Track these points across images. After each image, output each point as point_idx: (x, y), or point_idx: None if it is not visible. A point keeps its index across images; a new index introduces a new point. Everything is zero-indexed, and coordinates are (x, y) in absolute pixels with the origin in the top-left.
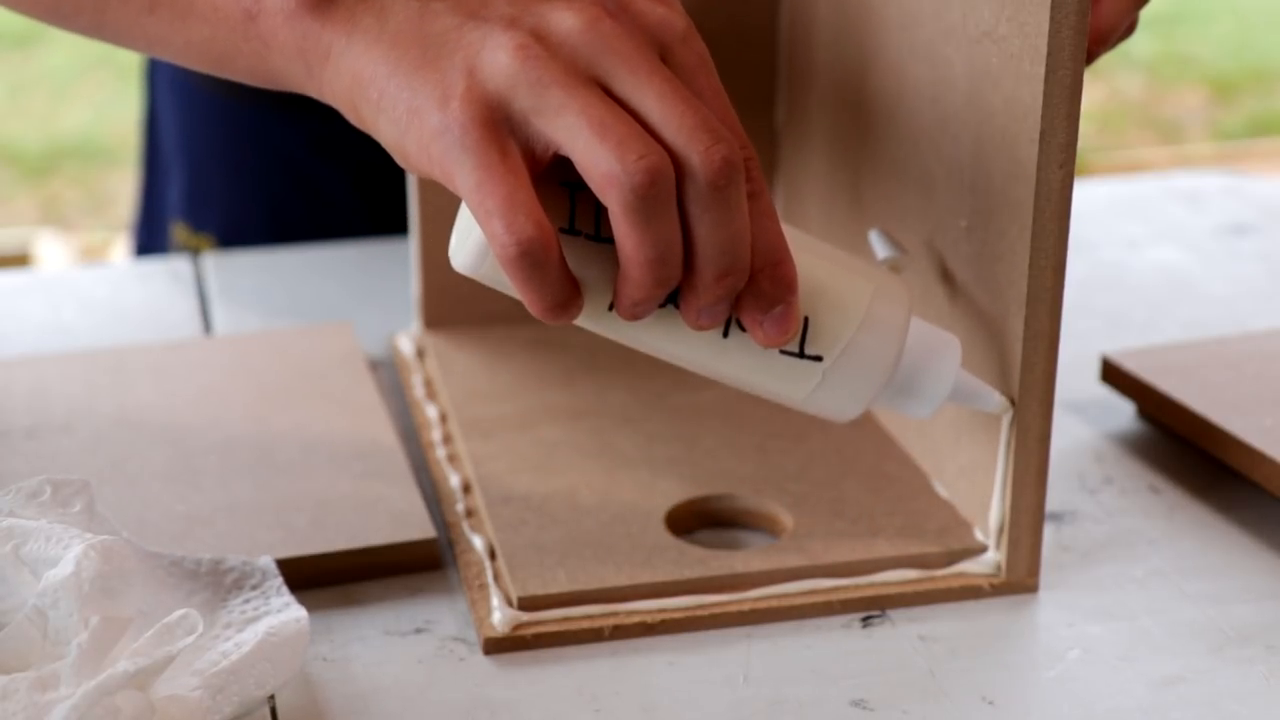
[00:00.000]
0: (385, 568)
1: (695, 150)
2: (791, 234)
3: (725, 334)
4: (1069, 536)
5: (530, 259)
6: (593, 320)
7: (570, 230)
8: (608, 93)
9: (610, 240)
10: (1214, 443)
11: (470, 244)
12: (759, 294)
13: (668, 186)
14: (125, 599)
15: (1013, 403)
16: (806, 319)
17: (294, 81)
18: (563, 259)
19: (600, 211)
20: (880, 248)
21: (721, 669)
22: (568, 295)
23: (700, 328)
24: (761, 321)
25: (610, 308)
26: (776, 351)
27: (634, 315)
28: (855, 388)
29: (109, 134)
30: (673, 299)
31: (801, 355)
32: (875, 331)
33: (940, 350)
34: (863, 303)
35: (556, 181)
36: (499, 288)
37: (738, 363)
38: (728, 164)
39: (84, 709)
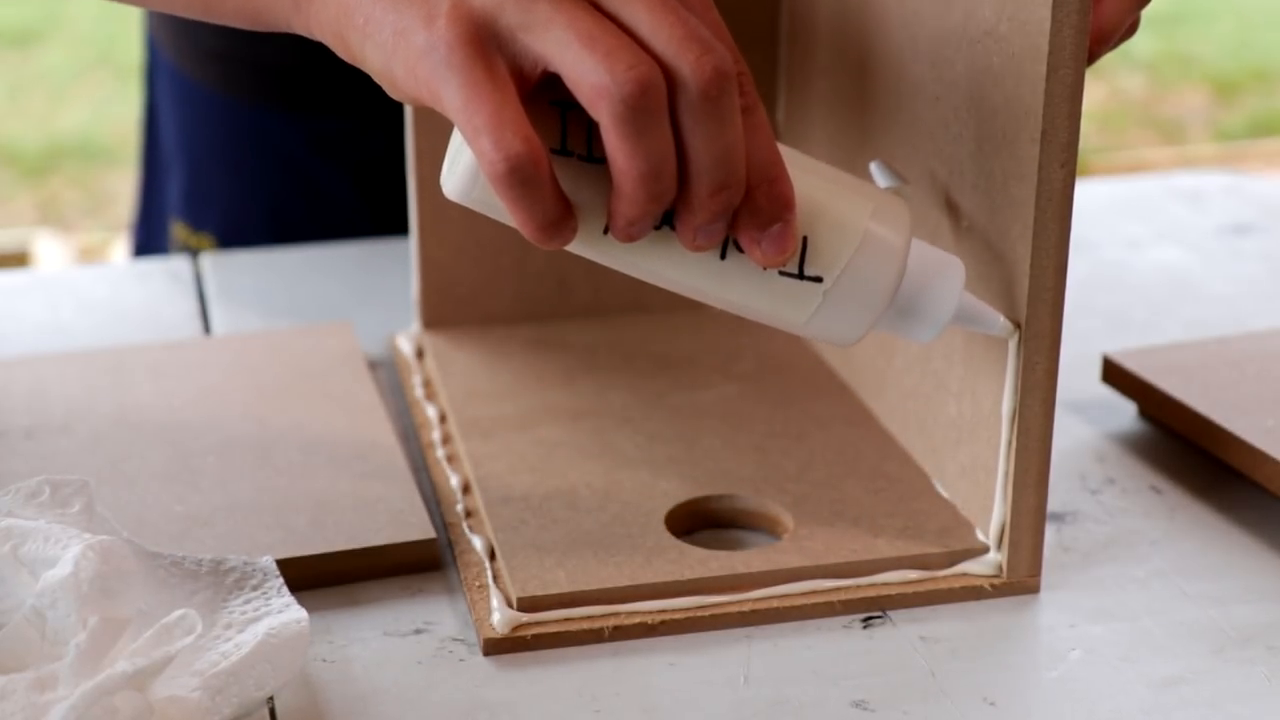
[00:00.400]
0: (385, 568)
1: (685, 60)
2: (788, 153)
3: (723, 256)
4: (1070, 537)
5: (520, 175)
6: (588, 245)
7: (562, 151)
8: (596, 7)
9: (603, 160)
10: (1216, 443)
11: (460, 168)
12: (755, 211)
13: (659, 97)
14: (124, 599)
15: (1018, 326)
16: (805, 239)
17: (281, 18)
18: (554, 176)
19: (592, 131)
20: (881, 178)
21: (722, 670)
22: (560, 214)
23: (697, 248)
24: (759, 240)
25: (605, 231)
26: (776, 273)
27: (629, 236)
28: (857, 309)
29: (108, 133)
30: (669, 222)
31: (801, 276)
32: (876, 250)
33: (943, 270)
34: (862, 221)
35: (547, 101)
36: (491, 213)
37: (737, 286)
38: (719, 73)
39: (82, 709)
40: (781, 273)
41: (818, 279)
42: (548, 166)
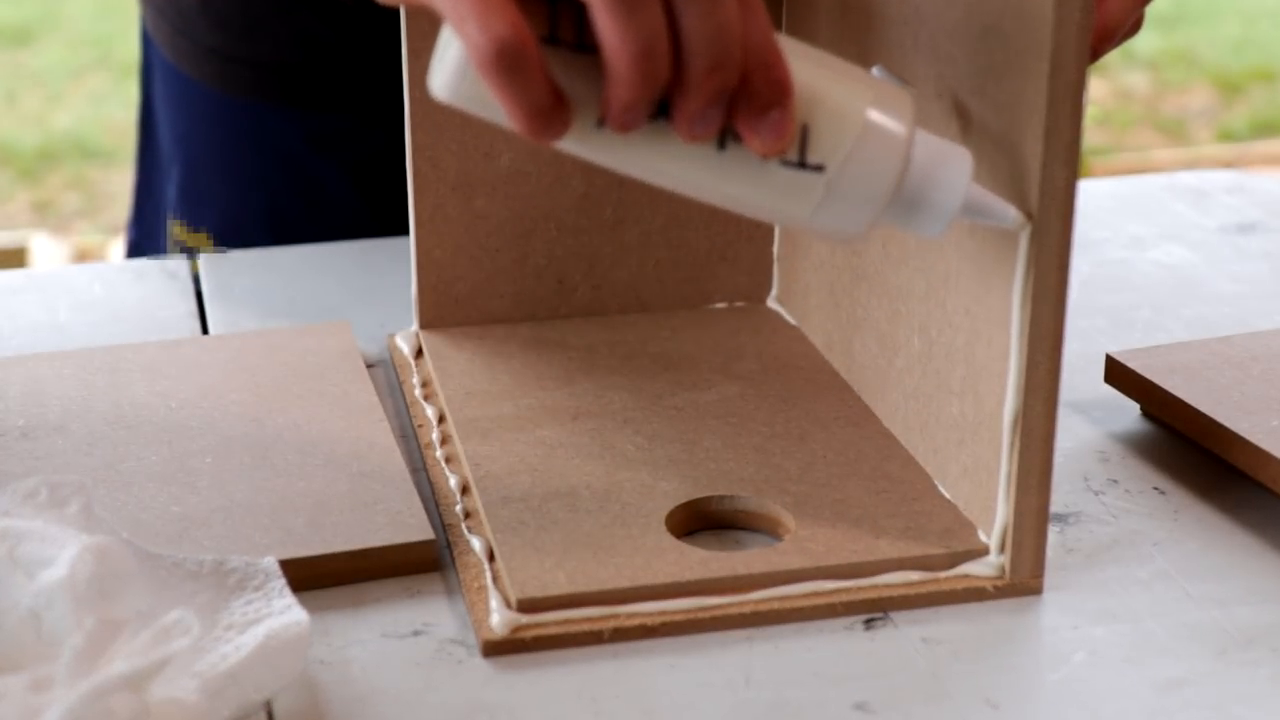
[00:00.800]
0: (383, 569)
1: None
2: (785, 41)
3: (721, 146)
4: (1073, 538)
5: (507, 61)
6: (583, 140)
7: (552, 40)
8: None
9: (595, 50)
10: (1219, 443)
11: (447, 62)
12: (752, 96)
13: None
14: (121, 600)
15: (1029, 216)
16: (805, 127)
17: None
18: (543, 61)
19: (583, 21)
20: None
21: (723, 671)
22: (552, 101)
23: (694, 138)
24: (757, 127)
25: (600, 125)
26: (776, 165)
27: (624, 124)
28: (862, 199)
29: (105, 133)
30: (665, 115)
31: (803, 166)
32: (878, 137)
33: (950, 159)
34: (863, 107)
35: None
36: (482, 110)
37: (737, 179)
38: None
39: (78, 710)
40: (782, 163)
41: (819, 168)
42: (536, 50)
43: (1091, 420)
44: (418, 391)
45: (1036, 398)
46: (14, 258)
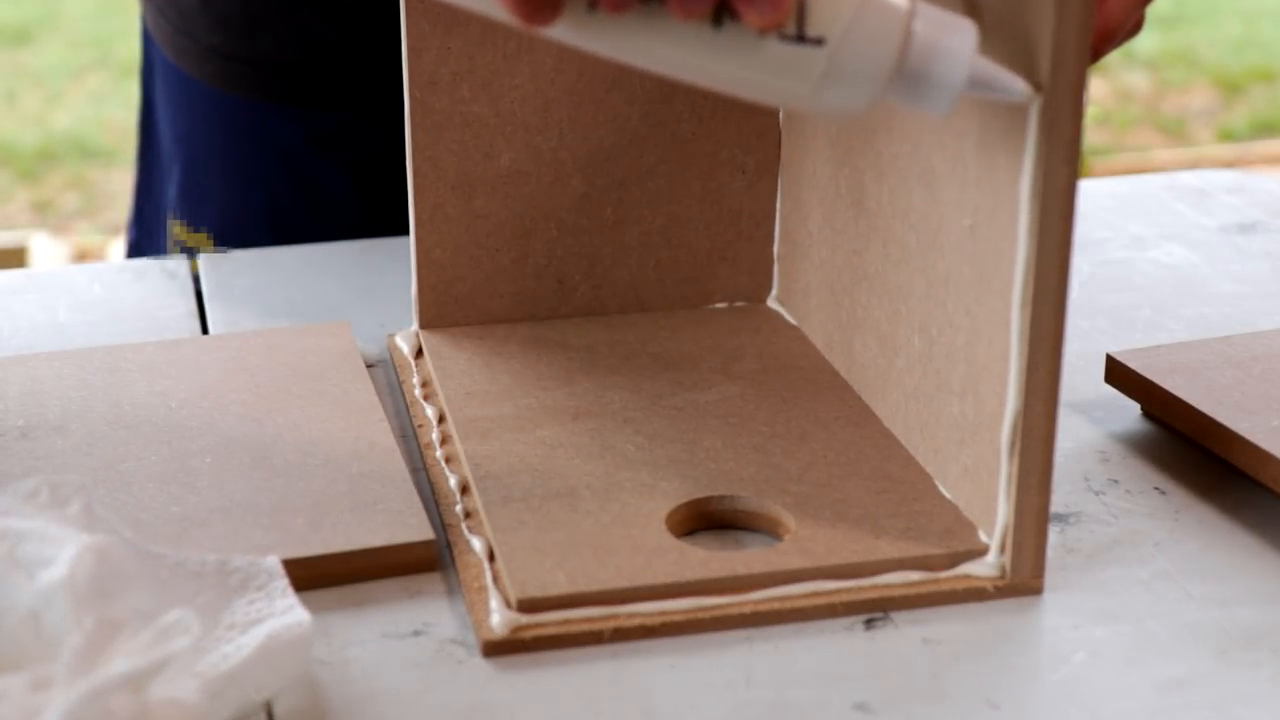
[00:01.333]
0: (383, 569)
1: None
2: None
3: (718, 24)
4: (1074, 538)
5: None
6: (576, 26)
7: None
8: None
9: None
10: (1220, 443)
11: None
12: None
13: None
14: (121, 600)
15: (1038, 88)
16: (802, 1)
17: None
18: None
19: None
20: None
21: (723, 672)
22: None
23: (689, 14)
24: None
25: (593, 7)
26: (775, 41)
27: (618, 2)
28: (864, 73)
29: (105, 133)
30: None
31: (802, 40)
32: (878, 6)
33: (954, 30)
34: None
35: None
36: (475, 3)
37: (735, 58)
38: None
39: (78, 710)
40: (780, 38)
41: (819, 41)
42: None
43: (1092, 420)
44: (418, 391)
45: (1037, 398)
46: (14, 258)
